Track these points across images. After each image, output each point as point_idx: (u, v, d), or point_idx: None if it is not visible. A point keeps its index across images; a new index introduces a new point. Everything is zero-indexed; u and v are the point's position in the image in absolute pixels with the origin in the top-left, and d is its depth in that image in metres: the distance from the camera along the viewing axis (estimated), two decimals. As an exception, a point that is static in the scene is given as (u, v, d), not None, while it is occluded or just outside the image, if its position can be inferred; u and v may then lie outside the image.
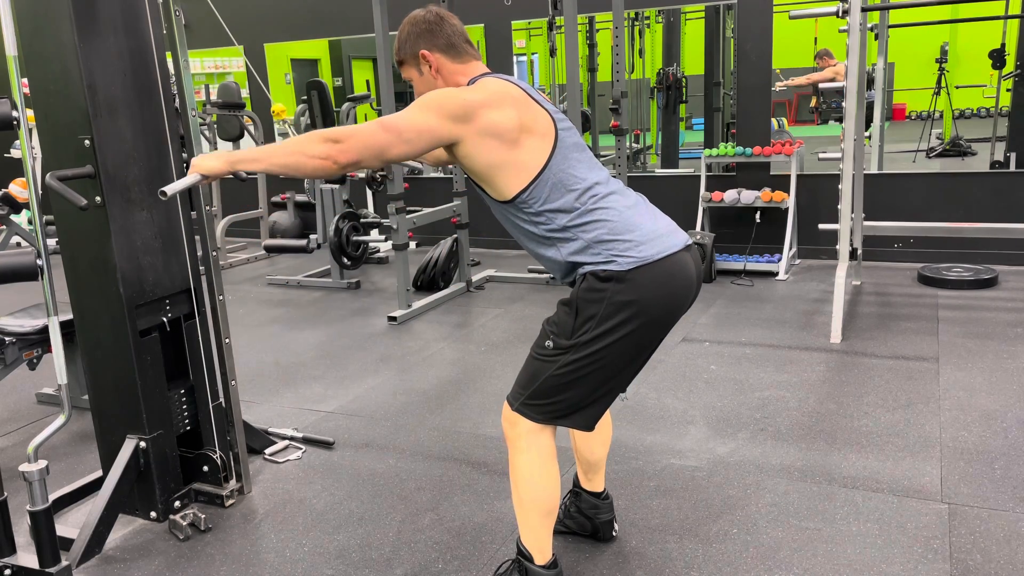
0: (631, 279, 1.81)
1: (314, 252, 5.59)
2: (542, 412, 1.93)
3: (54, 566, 2.21)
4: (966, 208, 5.31)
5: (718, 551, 2.30)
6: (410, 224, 4.97)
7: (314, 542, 2.47)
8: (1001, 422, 3.04)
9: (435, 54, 1.96)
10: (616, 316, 1.82)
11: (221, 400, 2.76)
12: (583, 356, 1.85)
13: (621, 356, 1.87)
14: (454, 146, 1.82)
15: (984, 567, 2.17)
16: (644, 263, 1.82)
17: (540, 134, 1.85)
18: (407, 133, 1.76)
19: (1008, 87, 6.70)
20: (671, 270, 1.86)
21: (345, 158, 1.72)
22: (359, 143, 1.73)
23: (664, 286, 1.85)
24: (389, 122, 1.77)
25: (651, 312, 1.84)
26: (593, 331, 1.84)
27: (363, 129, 1.74)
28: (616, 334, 1.83)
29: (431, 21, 1.97)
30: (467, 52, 1.99)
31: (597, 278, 1.83)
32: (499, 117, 1.80)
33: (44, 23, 2.32)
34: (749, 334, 4.23)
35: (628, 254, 1.82)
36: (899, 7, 5.88)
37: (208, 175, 1.87)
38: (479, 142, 1.80)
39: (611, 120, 5.12)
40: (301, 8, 7.11)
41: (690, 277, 1.91)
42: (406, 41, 1.98)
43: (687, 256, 1.91)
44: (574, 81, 4.84)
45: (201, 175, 1.87)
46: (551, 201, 1.85)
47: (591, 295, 1.84)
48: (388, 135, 1.75)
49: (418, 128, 1.76)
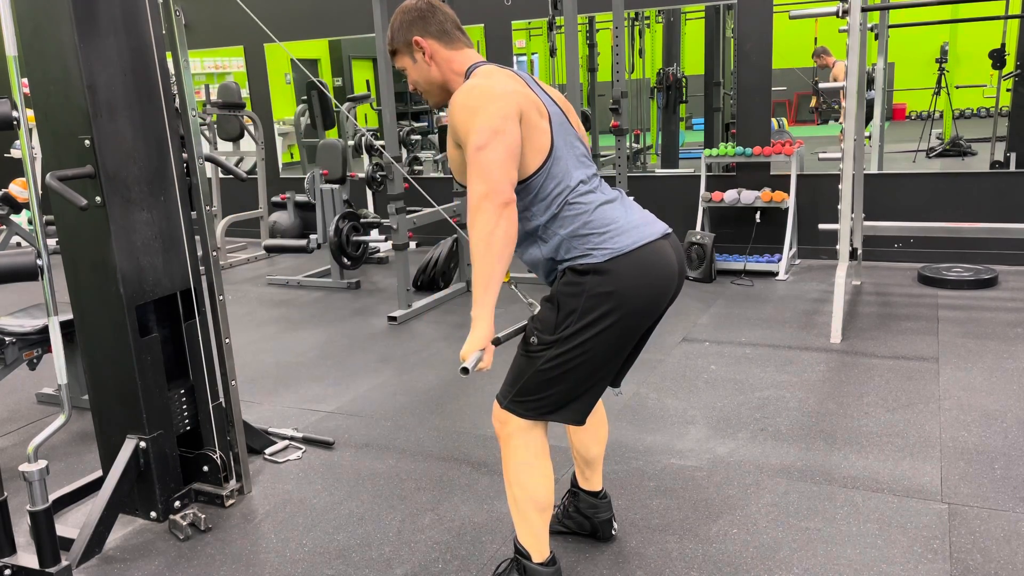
0: (609, 270, 1.82)
1: (314, 252, 5.59)
2: (531, 408, 1.94)
3: (54, 566, 2.21)
4: (966, 208, 5.31)
5: (718, 551, 2.30)
6: (410, 224, 4.97)
7: (314, 542, 2.47)
8: (1001, 422, 3.04)
9: (428, 40, 1.97)
10: (597, 308, 1.83)
11: (221, 400, 2.76)
12: (567, 350, 1.86)
13: (605, 348, 1.88)
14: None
15: (984, 567, 2.17)
16: (620, 253, 1.83)
17: (537, 139, 1.86)
18: (497, 170, 1.73)
19: (1008, 87, 6.70)
20: (650, 259, 1.87)
21: (503, 196, 1.71)
22: (478, 201, 1.71)
23: (643, 275, 1.86)
24: (480, 171, 1.73)
25: (632, 302, 1.85)
26: (575, 325, 1.84)
27: (472, 192, 1.73)
28: (598, 326, 1.84)
29: (423, 8, 1.98)
30: (459, 39, 2.01)
31: (575, 272, 1.85)
32: (513, 129, 1.79)
33: (44, 23, 2.32)
34: (749, 334, 4.23)
35: (604, 246, 1.83)
36: (899, 7, 5.88)
37: (487, 343, 1.82)
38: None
39: (611, 120, 5.12)
40: (301, 8, 7.11)
41: (670, 265, 1.91)
42: (399, 29, 1.99)
43: (666, 244, 1.92)
44: (574, 81, 4.84)
45: (483, 347, 1.80)
46: (538, 199, 1.87)
47: (571, 289, 1.85)
48: (489, 183, 1.72)
49: (500, 160, 1.74)
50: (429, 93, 2.04)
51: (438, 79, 1.99)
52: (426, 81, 2.01)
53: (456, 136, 1.84)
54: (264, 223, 6.85)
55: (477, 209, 1.72)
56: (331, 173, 5.71)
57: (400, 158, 4.96)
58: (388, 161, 4.80)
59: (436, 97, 2.04)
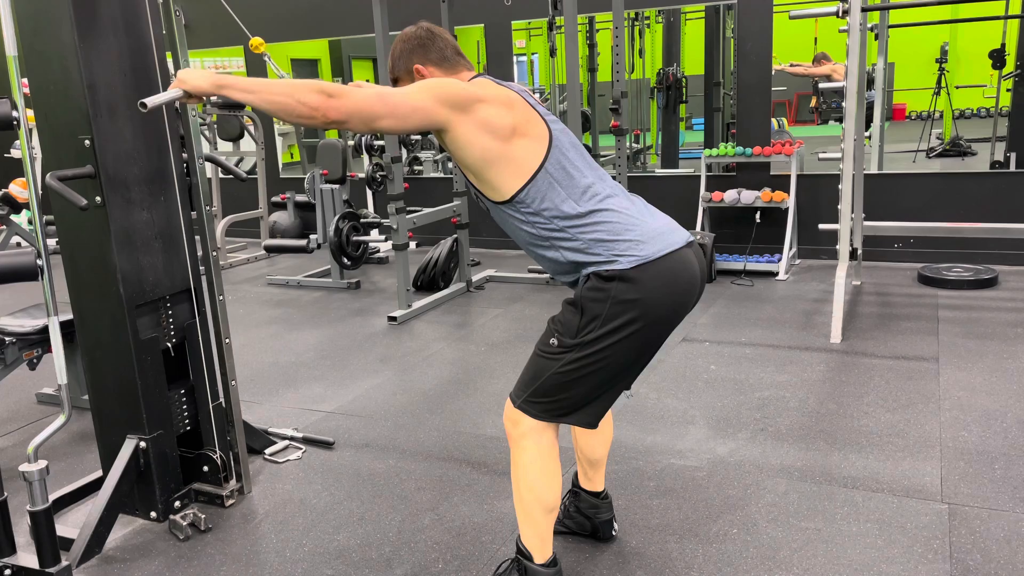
0: (634, 278, 1.82)
1: (314, 252, 5.59)
2: (545, 410, 1.94)
3: (54, 566, 2.21)
4: (966, 208, 5.31)
5: (718, 551, 2.31)
6: (410, 224, 4.97)
7: (314, 542, 2.47)
8: (1001, 422, 3.04)
9: (429, 67, 2.01)
10: (621, 316, 1.82)
11: (221, 400, 2.76)
12: (587, 355, 1.86)
13: (626, 355, 1.88)
14: (446, 135, 1.83)
15: (984, 567, 2.17)
16: (646, 261, 1.82)
17: (533, 136, 1.87)
18: (402, 108, 1.76)
19: (1008, 87, 6.71)
20: (674, 267, 1.86)
21: (335, 115, 1.71)
22: (352, 105, 1.72)
23: (668, 284, 1.85)
24: (387, 94, 1.77)
25: (656, 310, 1.85)
26: (598, 330, 1.84)
27: (360, 93, 1.74)
28: (621, 333, 1.83)
29: (422, 37, 2.02)
30: (459, 63, 2.04)
31: (600, 278, 1.84)
32: (494, 113, 1.82)
33: (44, 23, 2.32)
34: (749, 334, 4.23)
35: (630, 253, 1.83)
36: (899, 7, 5.89)
37: (192, 93, 1.83)
38: (472, 133, 1.81)
39: (611, 120, 5.12)
40: (301, 8, 7.11)
41: (694, 274, 1.91)
42: (399, 58, 2.04)
43: (689, 253, 1.92)
44: (574, 81, 4.84)
45: (184, 91, 1.83)
46: (548, 201, 1.86)
47: (595, 295, 1.85)
48: (383, 106, 1.75)
49: (413, 105, 1.77)
50: None
51: None
52: None
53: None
54: (264, 223, 6.85)
55: (325, 90, 1.69)
56: (331, 173, 5.72)
57: (400, 158, 4.96)
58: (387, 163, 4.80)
59: None
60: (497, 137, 1.83)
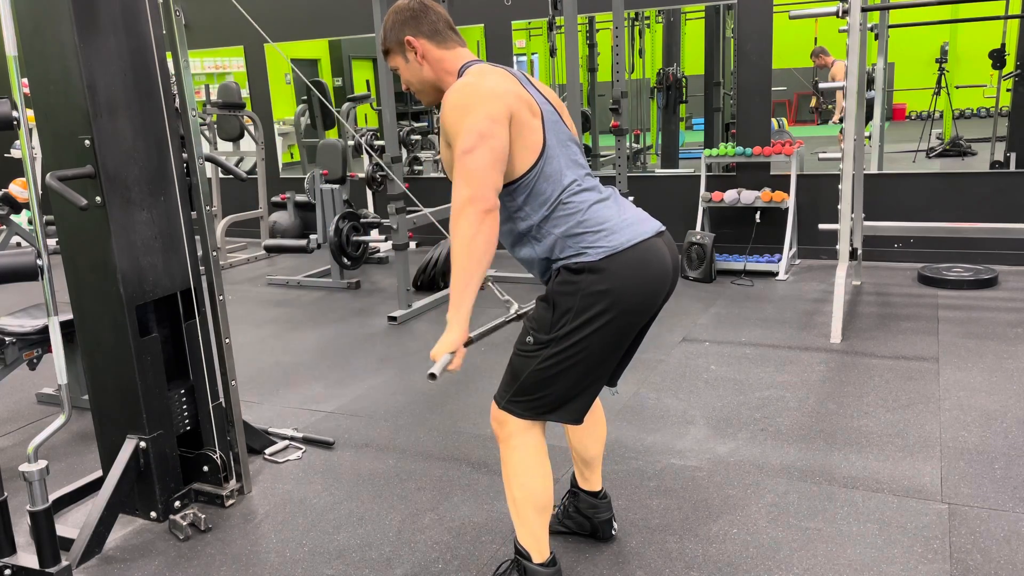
0: (603, 268, 1.83)
1: (314, 252, 5.59)
2: (528, 408, 1.94)
3: (54, 566, 2.21)
4: (966, 208, 5.31)
5: (718, 551, 2.31)
6: (410, 224, 4.97)
7: (314, 542, 2.47)
8: (1001, 422, 3.04)
9: (420, 40, 1.97)
10: (593, 307, 1.83)
11: (221, 400, 2.76)
12: (563, 349, 1.87)
13: (601, 346, 1.88)
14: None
15: (984, 567, 2.17)
16: (615, 251, 1.83)
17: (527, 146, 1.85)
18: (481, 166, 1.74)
19: (1008, 87, 6.70)
20: (644, 257, 1.87)
21: (482, 208, 1.72)
22: (469, 196, 1.72)
23: (638, 273, 1.86)
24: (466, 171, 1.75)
25: (627, 300, 1.85)
26: (571, 324, 1.85)
27: (460, 191, 1.74)
28: (594, 324, 1.84)
29: (415, 8, 1.99)
30: (451, 38, 2.01)
31: (570, 271, 1.85)
32: (502, 134, 1.79)
33: (44, 23, 2.32)
34: (749, 334, 4.23)
35: (598, 244, 1.84)
36: (899, 7, 5.89)
37: (459, 346, 1.81)
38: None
39: (611, 120, 5.12)
40: (301, 8, 7.11)
41: (664, 262, 1.92)
42: (391, 29, 2.01)
43: (660, 242, 1.92)
44: (574, 81, 4.84)
45: (452, 351, 1.80)
46: (532, 198, 1.88)
47: (566, 288, 1.86)
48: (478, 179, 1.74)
49: (488, 161, 1.76)
50: (422, 92, 2.05)
51: (430, 78, 2.00)
52: (419, 80, 2.02)
53: (447, 136, 1.84)
54: (264, 223, 6.85)
55: (460, 213, 1.73)
56: (331, 173, 5.71)
57: (400, 158, 4.96)
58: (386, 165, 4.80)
59: (429, 96, 2.05)
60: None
